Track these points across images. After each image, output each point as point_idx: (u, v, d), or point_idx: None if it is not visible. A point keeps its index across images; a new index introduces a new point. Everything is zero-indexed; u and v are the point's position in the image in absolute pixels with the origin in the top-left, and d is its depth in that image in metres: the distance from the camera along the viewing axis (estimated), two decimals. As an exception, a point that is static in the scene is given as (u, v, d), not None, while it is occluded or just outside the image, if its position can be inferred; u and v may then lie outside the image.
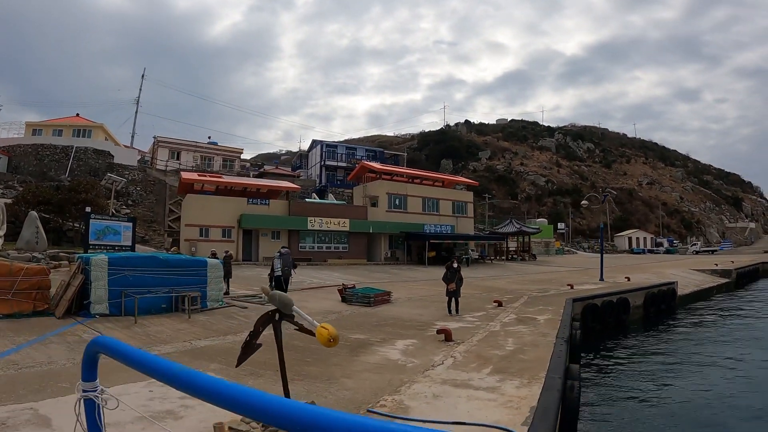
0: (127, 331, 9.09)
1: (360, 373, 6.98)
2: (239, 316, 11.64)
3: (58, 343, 7.65)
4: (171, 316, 10.85)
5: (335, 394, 5.92)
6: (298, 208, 35.97)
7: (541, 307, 15.00)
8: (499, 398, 5.87)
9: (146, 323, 9.89)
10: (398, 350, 8.72)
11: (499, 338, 10.03)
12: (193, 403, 5.17)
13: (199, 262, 12.66)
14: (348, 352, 8.42)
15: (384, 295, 15.46)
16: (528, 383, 6.48)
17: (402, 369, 7.33)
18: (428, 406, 5.60)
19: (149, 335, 8.82)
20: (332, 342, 4.36)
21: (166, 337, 8.73)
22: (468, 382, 6.59)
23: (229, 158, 59.20)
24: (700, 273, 34.86)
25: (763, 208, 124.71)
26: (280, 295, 4.74)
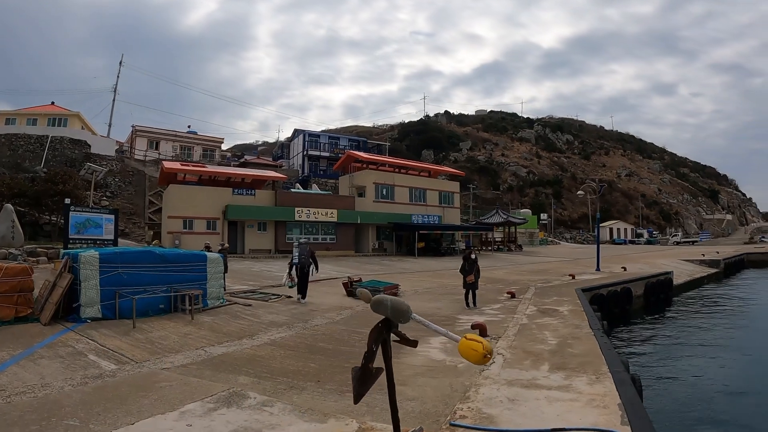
0: (127, 338, 8.03)
1: (413, 379, 6.21)
2: (246, 315, 10.71)
3: (49, 358, 6.57)
4: (172, 318, 9.82)
5: (402, 407, 5.07)
6: (285, 198, 34.81)
7: (556, 298, 14.57)
8: (578, 397, 5.40)
9: (146, 327, 8.85)
10: (438, 349, 7.99)
11: (535, 332, 9.45)
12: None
13: (198, 256, 11.63)
14: None
15: (392, 288, 14.68)
16: (597, 379, 6.04)
17: (455, 371, 6.62)
18: (512, 412, 4.97)
19: (153, 342, 7.80)
20: (488, 357, 3.24)
21: (174, 344, 7.71)
22: (535, 382, 6.03)
23: (210, 148, 57.48)
24: (690, 263, 35.07)
25: (738, 201, 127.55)
26: (393, 300, 3.67)
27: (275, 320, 10.12)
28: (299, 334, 8.78)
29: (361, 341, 8.34)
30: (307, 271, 13.86)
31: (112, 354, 6.88)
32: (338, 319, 10.52)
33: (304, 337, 8.50)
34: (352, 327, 9.64)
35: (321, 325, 9.80)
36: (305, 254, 13.91)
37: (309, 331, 9.08)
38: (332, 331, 9.17)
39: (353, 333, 9.03)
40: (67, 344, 7.38)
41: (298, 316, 10.68)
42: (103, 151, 44.30)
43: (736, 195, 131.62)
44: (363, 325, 9.95)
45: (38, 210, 28.33)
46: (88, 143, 43.73)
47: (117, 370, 5.98)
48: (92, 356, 6.68)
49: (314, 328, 9.41)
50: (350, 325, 9.83)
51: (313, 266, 14.19)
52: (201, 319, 9.93)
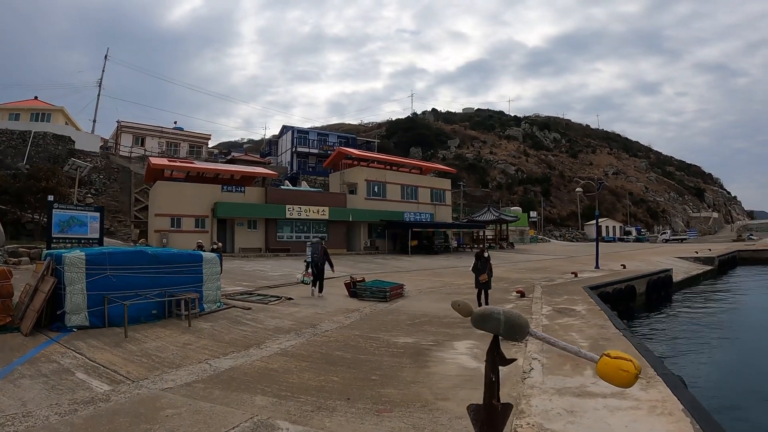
0: (119, 350, 7.08)
1: (454, 392, 5.48)
2: (248, 320, 9.81)
3: (31, 377, 5.60)
4: (166, 325, 8.90)
5: (452, 426, 4.34)
6: (275, 195, 33.88)
7: (567, 297, 13.99)
8: (638, 405, 4.95)
9: (139, 337, 7.93)
10: (466, 355, 7.31)
11: (561, 333, 8.81)
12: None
13: (193, 256, 10.73)
14: (411, 361, 6.94)
15: (398, 288, 13.96)
16: (648, 384, 5.59)
17: None
18: (576, 426, 4.40)
19: (149, 355, 6.85)
20: (638, 378, 2.52)
21: (173, 356, 6.78)
22: (586, 390, 5.42)
23: (197, 144, 56.18)
24: (685, 260, 34.92)
25: (724, 199, 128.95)
26: (508, 314, 2.91)
27: (280, 325, 9.27)
28: (311, 342, 7.95)
29: (379, 349, 7.60)
30: (321, 267, 14.25)
31: (104, 371, 5.95)
32: (348, 324, 9.72)
33: (317, 345, 7.69)
34: (365, 332, 8.87)
35: (331, 330, 9.00)
36: (318, 252, 14.35)
37: (320, 337, 8.27)
38: (345, 337, 8.39)
39: (369, 339, 8.26)
40: (52, 359, 6.42)
41: (303, 321, 9.86)
42: (88, 147, 42.93)
43: (722, 193, 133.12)
44: (376, 329, 9.21)
45: (20, 208, 27.18)
46: (72, 139, 42.43)
47: (111, 392, 5.10)
48: (81, 374, 5.78)
49: (325, 334, 8.60)
50: (363, 330, 9.06)
51: (329, 265, 14.54)
52: (199, 325, 9.03)
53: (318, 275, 14.20)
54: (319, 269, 14.24)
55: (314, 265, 14.33)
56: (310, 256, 14.74)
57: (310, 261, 14.70)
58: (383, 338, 8.33)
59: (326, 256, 14.54)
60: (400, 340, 8.27)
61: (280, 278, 19.20)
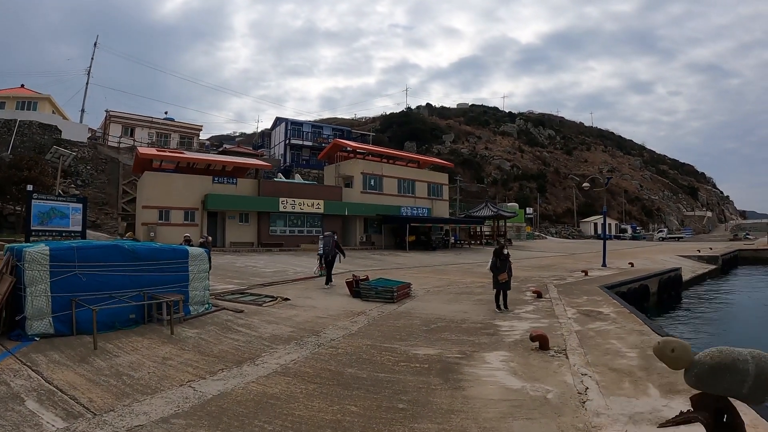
0: (85, 367, 5.81)
1: (505, 424, 4.40)
2: (240, 326, 8.56)
3: None
4: (145, 333, 7.65)
5: None
6: (268, 187, 32.56)
7: (587, 298, 12.97)
8: None
9: (111, 348, 6.69)
10: (502, 370, 6.22)
11: (599, 341, 7.80)
12: None
13: (178, 252, 9.36)
14: (441, 380, 5.78)
15: (404, 288, 12.83)
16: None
17: (548, 404, 4.90)
18: None
19: (120, 374, 5.57)
20: None
21: (149, 377, 5.51)
22: (661, 415, 4.42)
23: (187, 135, 54.62)
24: (688, 259, 34.15)
25: (717, 198, 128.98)
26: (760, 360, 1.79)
27: (278, 333, 8.06)
28: (316, 355, 6.73)
29: (399, 364, 6.43)
30: (331, 260, 14.93)
31: (61, 397, 4.70)
32: (355, 330, 8.50)
33: (323, 360, 6.46)
34: (377, 341, 7.68)
35: (338, 339, 7.79)
36: (329, 245, 14.93)
37: (326, 349, 7.05)
38: (356, 348, 7.18)
39: (384, 351, 7.07)
40: (2, 380, 5.17)
41: (304, 327, 8.65)
42: (75, 137, 41.43)
43: (715, 192, 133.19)
44: (389, 337, 8.03)
45: (2, 199, 25.70)
46: (59, 128, 41.00)
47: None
48: (32, 403, 4.52)
49: (331, 344, 7.38)
50: (374, 338, 7.87)
51: (340, 254, 15.25)
52: (183, 333, 7.78)
53: (328, 268, 14.86)
54: (329, 262, 14.88)
55: (325, 258, 14.96)
56: (321, 249, 15.20)
57: (321, 253, 15.25)
58: (400, 349, 7.18)
59: (338, 247, 15.19)
60: (420, 351, 7.12)
61: (274, 275, 18.00)
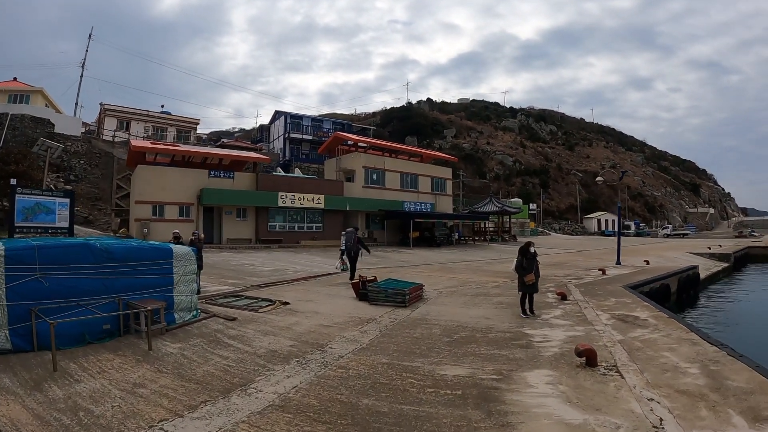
0: (37, 397, 4.58)
1: None
2: (231, 338, 7.30)
3: None
4: (119, 347, 6.41)
5: None
6: (267, 182, 31.33)
7: (615, 300, 11.81)
8: None
9: (75, 369, 5.47)
10: (553, 397, 5.03)
11: (651, 354, 6.65)
12: None
13: (160, 251, 8.09)
14: (482, 414, 4.56)
15: (417, 290, 11.63)
16: None
17: None
18: None
19: (78, 408, 4.31)
20: None
21: (112, 413, 4.25)
22: None
23: (184, 129, 53.24)
24: (700, 257, 33.07)
25: (719, 195, 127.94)
26: None
27: (276, 347, 6.82)
28: (323, 380, 5.46)
29: (425, 390, 5.20)
30: (354, 256, 15.17)
31: None
32: (367, 343, 7.25)
33: (332, 387, 5.18)
34: (395, 358, 6.44)
35: (347, 355, 6.54)
36: (352, 241, 15.18)
37: (334, 370, 5.81)
38: (370, 368, 5.94)
39: (404, 372, 5.85)
40: None
41: (306, 338, 7.41)
42: (68, 131, 40.10)
43: (717, 189, 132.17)
44: (408, 352, 6.79)
45: (-11, 194, 24.58)
46: (52, 122, 39.63)
47: None
48: None
49: (340, 363, 6.14)
50: (390, 354, 6.64)
51: (364, 250, 15.63)
52: (163, 348, 6.54)
53: (351, 263, 15.12)
54: (352, 258, 15.13)
55: (348, 253, 15.25)
56: (344, 245, 15.52)
57: (344, 249, 15.54)
58: (424, 369, 5.96)
59: (360, 243, 15.47)
60: (448, 371, 5.92)
61: (272, 274, 16.82)
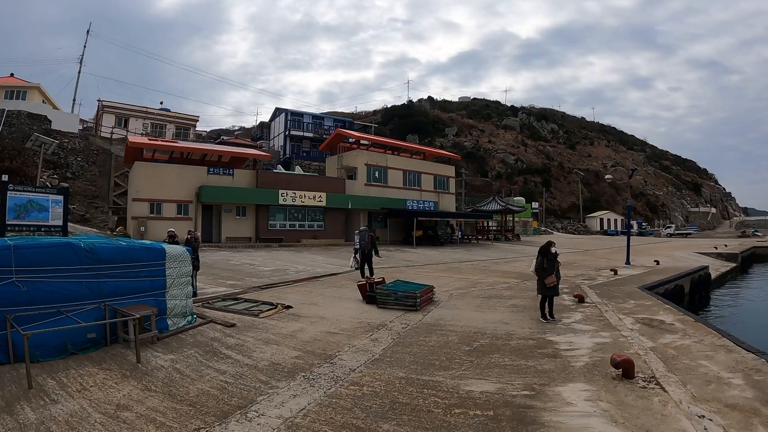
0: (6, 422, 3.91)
1: None
2: (229, 348, 6.60)
3: None
4: (105, 359, 5.71)
5: None
6: (267, 179, 30.63)
7: (634, 303, 11.16)
8: None
9: (53, 386, 4.79)
10: (596, 417, 4.42)
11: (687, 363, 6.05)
12: None
13: (152, 252, 7.40)
14: None
15: (428, 292, 10.95)
16: None
17: None
18: None
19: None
20: None
21: None
22: None
23: (184, 126, 52.51)
24: (707, 257, 32.43)
25: (720, 195, 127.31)
26: None
27: (279, 359, 6.14)
28: (334, 400, 4.73)
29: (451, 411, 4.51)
30: (369, 254, 15.45)
31: None
32: (379, 353, 6.55)
33: (346, 409, 4.48)
34: (412, 371, 5.77)
35: (360, 368, 5.83)
36: (365, 240, 15.49)
37: (346, 387, 5.13)
38: (386, 384, 5.27)
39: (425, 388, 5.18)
40: None
41: (313, 348, 6.70)
42: (66, 128, 39.35)
43: (718, 189, 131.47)
44: (426, 364, 6.09)
45: (-18, 192, 23.97)
46: (49, 118, 38.89)
47: None
48: None
49: (353, 378, 5.43)
50: (407, 367, 5.94)
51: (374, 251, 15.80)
52: (153, 360, 5.84)
53: (366, 261, 15.41)
54: (367, 255, 15.44)
55: (362, 252, 15.56)
56: (358, 243, 15.95)
57: (358, 248, 15.98)
58: (447, 384, 5.30)
59: (372, 243, 15.72)
60: (474, 387, 5.26)
61: (273, 275, 16.16)
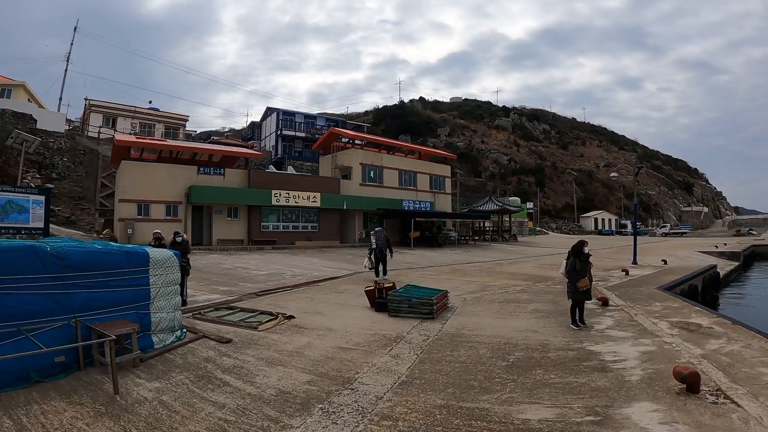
0: None
1: None
2: (226, 372, 5.47)
3: None
4: (76, 390, 4.65)
5: None
6: (260, 178, 29.54)
7: (661, 305, 10.42)
8: None
9: (8, 427, 3.77)
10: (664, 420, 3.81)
11: (746, 370, 5.55)
12: None
13: (133, 255, 6.33)
14: None
15: (443, 298, 9.99)
16: None
17: None
18: None
19: None
20: None
21: None
22: None
23: (173, 126, 51.28)
24: (710, 255, 31.89)
25: (712, 194, 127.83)
26: None
27: (289, 385, 5.07)
28: None
29: None
30: (384, 254, 15.86)
31: None
32: (405, 373, 5.51)
33: None
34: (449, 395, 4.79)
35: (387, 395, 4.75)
36: (381, 240, 15.87)
37: (377, 424, 4.07)
38: (424, 416, 4.21)
39: (473, 419, 4.19)
40: None
41: (326, 369, 5.65)
42: (52, 127, 37.94)
43: (709, 188, 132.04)
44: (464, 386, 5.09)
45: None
46: (34, 117, 37.41)
47: None
48: None
49: (380, 410, 4.36)
50: (443, 392, 4.93)
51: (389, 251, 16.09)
52: (135, 391, 4.73)
53: (381, 260, 15.86)
54: (382, 255, 15.85)
55: (378, 251, 15.85)
56: (374, 243, 16.02)
57: (374, 248, 15.97)
58: (496, 412, 4.38)
59: (387, 243, 16.07)
60: (528, 414, 4.35)
61: (268, 279, 15.15)
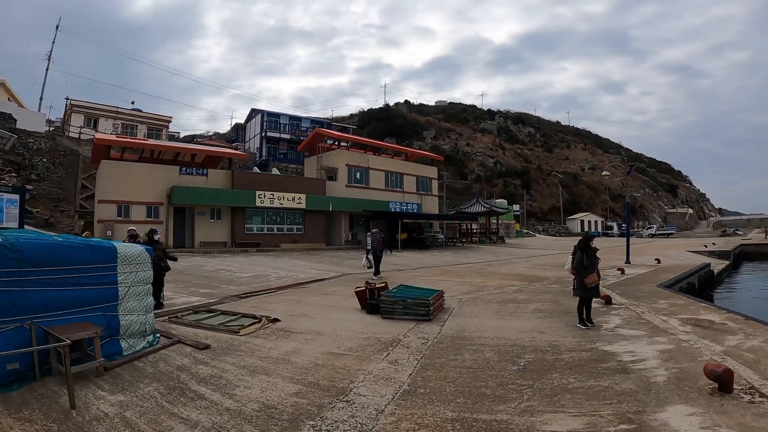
0: None
1: None
2: (202, 382, 4.85)
3: None
4: (27, 405, 4.01)
5: None
6: (243, 179, 28.80)
7: (666, 302, 10.14)
8: None
9: None
10: None
11: None
12: None
13: (98, 250, 5.69)
14: None
15: (439, 299, 9.48)
16: None
17: None
18: None
19: None
20: None
21: None
22: None
23: (156, 127, 50.20)
24: (700, 255, 31.89)
25: (696, 196, 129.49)
26: None
27: (273, 398, 4.54)
28: None
29: None
30: (380, 255, 16.47)
31: None
32: (407, 381, 4.95)
33: None
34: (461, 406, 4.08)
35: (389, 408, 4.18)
36: (377, 241, 16.42)
37: None
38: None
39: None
40: None
41: (316, 378, 5.06)
42: (32, 127, 36.73)
43: (693, 190, 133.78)
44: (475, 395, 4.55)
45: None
46: (14, 117, 36.24)
47: None
48: None
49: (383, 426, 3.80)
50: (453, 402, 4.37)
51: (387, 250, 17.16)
52: (95, 406, 4.07)
53: (376, 261, 16.30)
54: (378, 257, 16.38)
55: (374, 253, 16.34)
56: (370, 245, 16.50)
57: (369, 249, 16.48)
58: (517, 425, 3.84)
59: (385, 244, 16.81)
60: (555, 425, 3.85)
61: (252, 282, 14.52)
